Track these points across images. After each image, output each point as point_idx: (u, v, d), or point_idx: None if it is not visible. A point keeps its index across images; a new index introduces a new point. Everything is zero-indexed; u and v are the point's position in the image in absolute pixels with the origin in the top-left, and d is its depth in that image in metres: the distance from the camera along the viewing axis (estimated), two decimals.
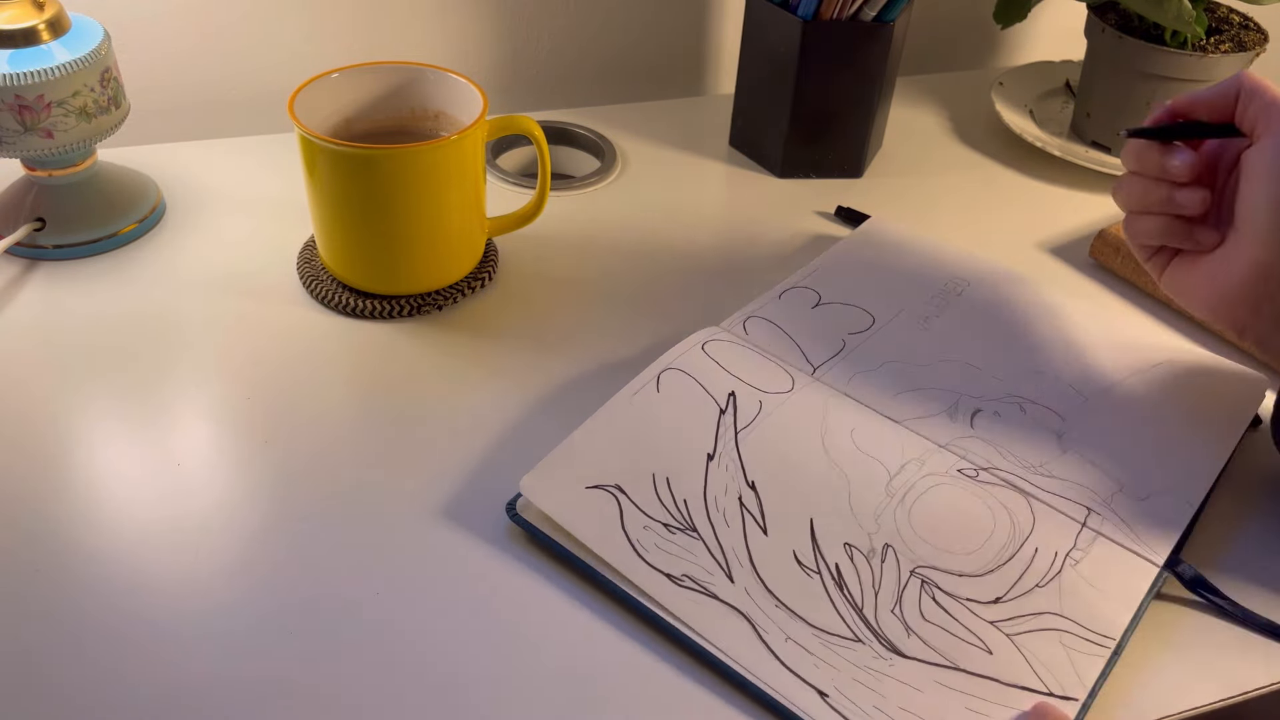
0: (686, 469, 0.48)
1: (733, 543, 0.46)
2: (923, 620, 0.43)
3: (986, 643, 0.43)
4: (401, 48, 0.80)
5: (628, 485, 0.47)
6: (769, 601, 0.44)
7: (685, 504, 0.47)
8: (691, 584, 0.44)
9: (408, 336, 0.59)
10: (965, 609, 0.44)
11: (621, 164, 0.75)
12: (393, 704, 0.41)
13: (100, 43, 0.60)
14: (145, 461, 0.50)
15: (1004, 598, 0.44)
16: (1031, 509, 0.47)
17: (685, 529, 0.46)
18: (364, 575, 0.46)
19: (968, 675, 0.42)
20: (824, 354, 0.55)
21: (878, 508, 0.47)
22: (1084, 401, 0.53)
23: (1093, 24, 0.76)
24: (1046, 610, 0.44)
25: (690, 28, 0.88)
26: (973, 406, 0.53)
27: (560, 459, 0.48)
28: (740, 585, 0.44)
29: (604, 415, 0.50)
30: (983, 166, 0.78)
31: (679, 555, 0.45)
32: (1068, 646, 0.43)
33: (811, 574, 0.45)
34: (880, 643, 0.43)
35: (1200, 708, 0.43)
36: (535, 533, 0.47)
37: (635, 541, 0.45)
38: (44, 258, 0.62)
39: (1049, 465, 0.50)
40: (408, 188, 0.56)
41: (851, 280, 0.61)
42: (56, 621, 0.43)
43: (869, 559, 0.45)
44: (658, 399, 0.51)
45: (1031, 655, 0.42)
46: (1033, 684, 0.41)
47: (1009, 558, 0.45)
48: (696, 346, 0.54)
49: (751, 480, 0.48)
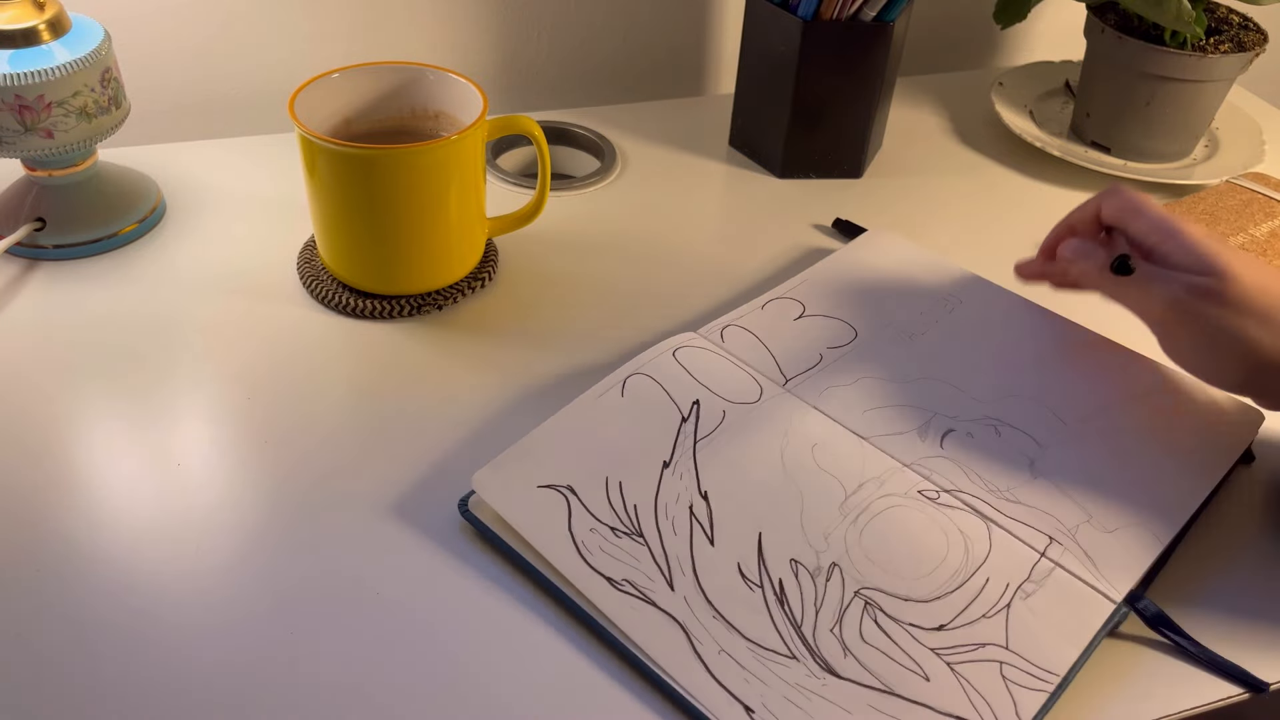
0: (640, 475, 0.48)
1: (678, 551, 0.45)
2: (862, 642, 0.43)
3: (925, 669, 0.42)
4: (402, 48, 0.80)
5: (579, 487, 0.47)
6: (707, 612, 0.43)
7: (635, 509, 0.47)
8: (631, 589, 0.44)
9: (408, 336, 0.59)
10: (907, 634, 0.43)
11: (621, 164, 0.75)
12: (396, 701, 0.41)
13: (100, 43, 0.60)
14: (145, 461, 0.50)
15: (948, 625, 0.43)
16: (989, 536, 0.46)
17: (632, 534, 0.46)
18: (364, 574, 0.46)
19: (901, 700, 0.41)
20: (799, 366, 0.54)
21: (828, 526, 0.46)
22: (1064, 427, 0.52)
23: (1092, 24, 0.76)
24: (990, 642, 0.43)
25: (690, 28, 0.88)
26: (945, 426, 0.52)
27: (515, 456, 0.48)
28: (680, 594, 0.44)
29: (565, 416, 0.50)
30: (982, 167, 0.78)
31: (622, 560, 0.45)
32: (1009, 680, 0.41)
33: (754, 588, 0.44)
34: (815, 661, 0.42)
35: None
36: (485, 531, 0.47)
37: (580, 543, 0.45)
38: (44, 258, 0.62)
39: (1016, 491, 0.49)
40: (408, 188, 0.56)
41: (839, 293, 0.60)
42: (56, 620, 0.43)
43: (814, 576, 0.44)
44: (621, 403, 0.51)
45: (970, 686, 0.41)
46: (968, 714, 0.40)
47: (958, 585, 0.44)
48: (667, 352, 0.53)
49: (704, 490, 0.47)
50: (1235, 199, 0.71)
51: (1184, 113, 0.75)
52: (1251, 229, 0.68)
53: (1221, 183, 0.73)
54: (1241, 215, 0.69)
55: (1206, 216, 0.69)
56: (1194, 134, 0.77)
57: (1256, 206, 0.70)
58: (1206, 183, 0.74)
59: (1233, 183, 0.73)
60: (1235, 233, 0.67)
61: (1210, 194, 0.71)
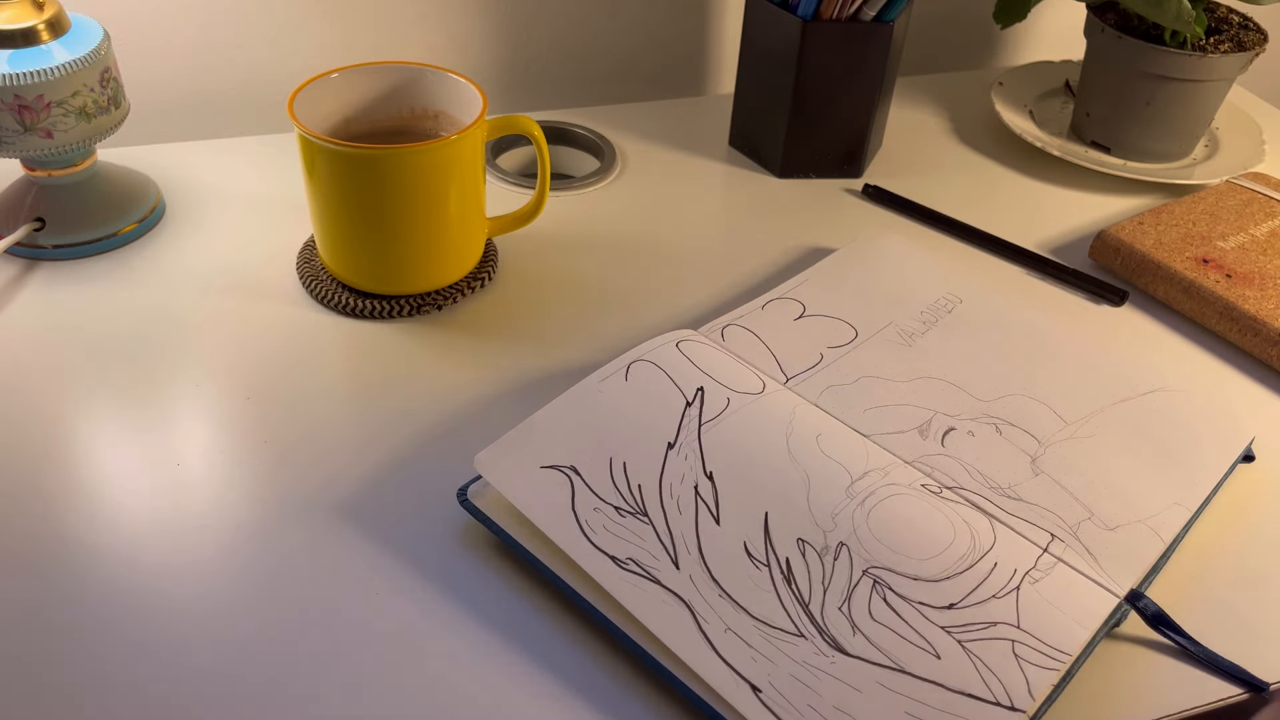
0: (645, 455, 0.47)
1: (683, 530, 0.45)
2: (870, 620, 0.42)
3: (935, 647, 0.41)
4: (402, 48, 0.80)
5: (583, 467, 0.47)
6: (713, 591, 0.43)
7: (639, 489, 0.46)
8: (635, 568, 0.43)
9: (407, 336, 0.59)
10: (916, 612, 0.42)
11: (621, 164, 0.75)
12: (397, 701, 0.41)
13: (100, 43, 0.60)
14: (144, 460, 0.50)
15: (958, 604, 0.43)
16: (993, 529, 0.46)
17: (636, 513, 0.45)
18: (364, 574, 0.46)
19: (911, 678, 0.40)
20: (800, 365, 0.55)
21: (836, 507, 0.46)
22: (1064, 426, 0.52)
23: (1092, 24, 0.76)
24: (1001, 621, 0.42)
25: (690, 28, 0.88)
26: (946, 425, 0.52)
27: (517, 438, 0.48)
28: (685, 573, 0.43)
29: (567, 399, 0.50)
30: (982, 166, 0.78)
31: (626, 539, 0.44)
32: (1021, 658, 0.41)
33: (760, 566, 0.44)
34: (824, 639, 0.41)
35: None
36: (485, 521, 0.47)
37: (584, 522, 0.45)
38: (44, 258, 0.62)
39: (1017, 488, 0.48)
40: (407, 188, 0.56)
41: (839, 293, 0.60)
42: (56, 619, 0.43)
43: (821, 556, 0.44)
44: (624, 387, 0.51)
45: (981, 663, 0.41)
46: (979, 692, 0.40)
47: (967, 567, 0.44)
48: (670, 344, 0.53)
49: (709, 470, 0.47)
50: (1235, 199, 0.71)
51: (1184, 113, 0.75)
52: (1252, 229, 0.68)
53: (1221, 183, 0.73)
54: (1241, 215, 0.69)
55: (1206, 216, 0.69)
56: (1194, 134, 0.77)
57: (1256, 206, 0.70)
58: (1206, 182, 0.74)
59: (1233, 183, 0.73)
60: (1235, 233, 0.67)
61: (1210, 194, 0.71)
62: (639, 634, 0.42)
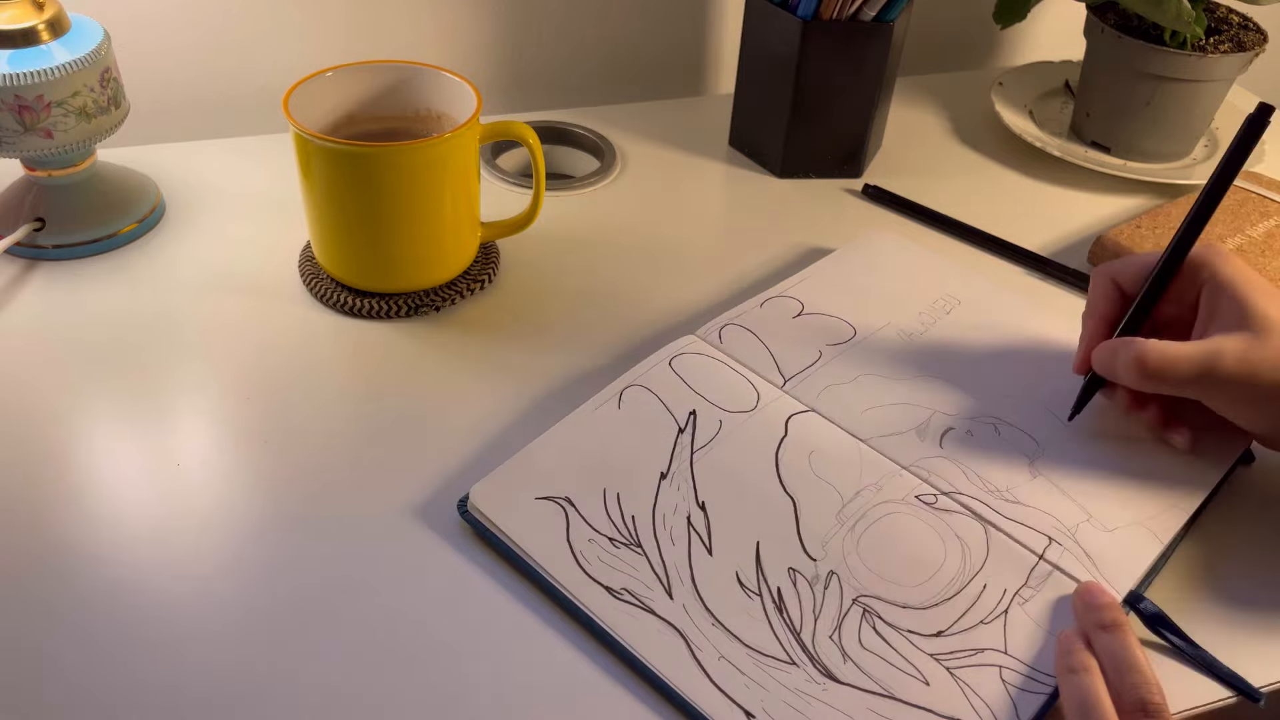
0: (638, 486, 0.48)
1: (676, 560, 0.45)
2: (861, 648, 0.43)
3: (924, 674, 0.42)
4: (401, 47, 0.80)
5: (577, 499, 0.47)
6: (706, 620, 0.43)
7: (633, 520, 0.47)
8: (630, 598, 0.44)
9: (407, 336, 0.59)
10: (905, 640, 0.43)
11: (621, 164, 0.75)
12: (397, 702, 0.41)
13: (100, 43, 0.60)
14: (144, 460, 0.50)
15: (946, 631, 0.43)
16: (987, 540, 0.46)
17: (630, 544, 0.46)
18: (362, 574, 0.46)
19: (902, 704, 0.41)
20: (798, 364, 0.55)
21: (827, 534, 0.46)
22: (1063, 426, 0.52)
23: (1092, 24, 0.76)
24: (989, 647, 0.43)
25: (690, 28, 0.88)
26: (945, 425, 0.52)
27: (513, 469, 0.49)
28: (679, 602, 0.44)
29: (562, 429, 0.50)
30: (982, 167, 0.78)
31: (621, 570, 0.45)
32: (1008, 683, 0.42)
33: (752, 595, 0.44)
34: (815, 667, 0.42)
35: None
36: (484, 531, 0.47)
37: (578, 554, 0.45)
38: (44, 258, 0.62)
39: (1015, 490, 0.49)
40: (398, 186, 0.56)
41: (838, 291, 0.60)
42: (57, 618, 0.43)
43: (812, 585, 0.45)
44: (618, 415, 0.51)
45: (969, 689, 0.42)
46: (968, 717, 0.41)
47: (956, 592, 0.45)
48: (664, 362, 0.54)
49: (702, 501, 0.48)
50: (1232, 199, 0.71)
51: (1184, 113, 0.74)
52: (1249, 229, 0.68)
53: None
54: (1238, 216, 0.69)
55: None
56: (1194, 134, 0.77)
57: (1252, 206, 0.70)
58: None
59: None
60: (1232, 233, 0.67)
61: None
62: (637, 654, 0.43)
